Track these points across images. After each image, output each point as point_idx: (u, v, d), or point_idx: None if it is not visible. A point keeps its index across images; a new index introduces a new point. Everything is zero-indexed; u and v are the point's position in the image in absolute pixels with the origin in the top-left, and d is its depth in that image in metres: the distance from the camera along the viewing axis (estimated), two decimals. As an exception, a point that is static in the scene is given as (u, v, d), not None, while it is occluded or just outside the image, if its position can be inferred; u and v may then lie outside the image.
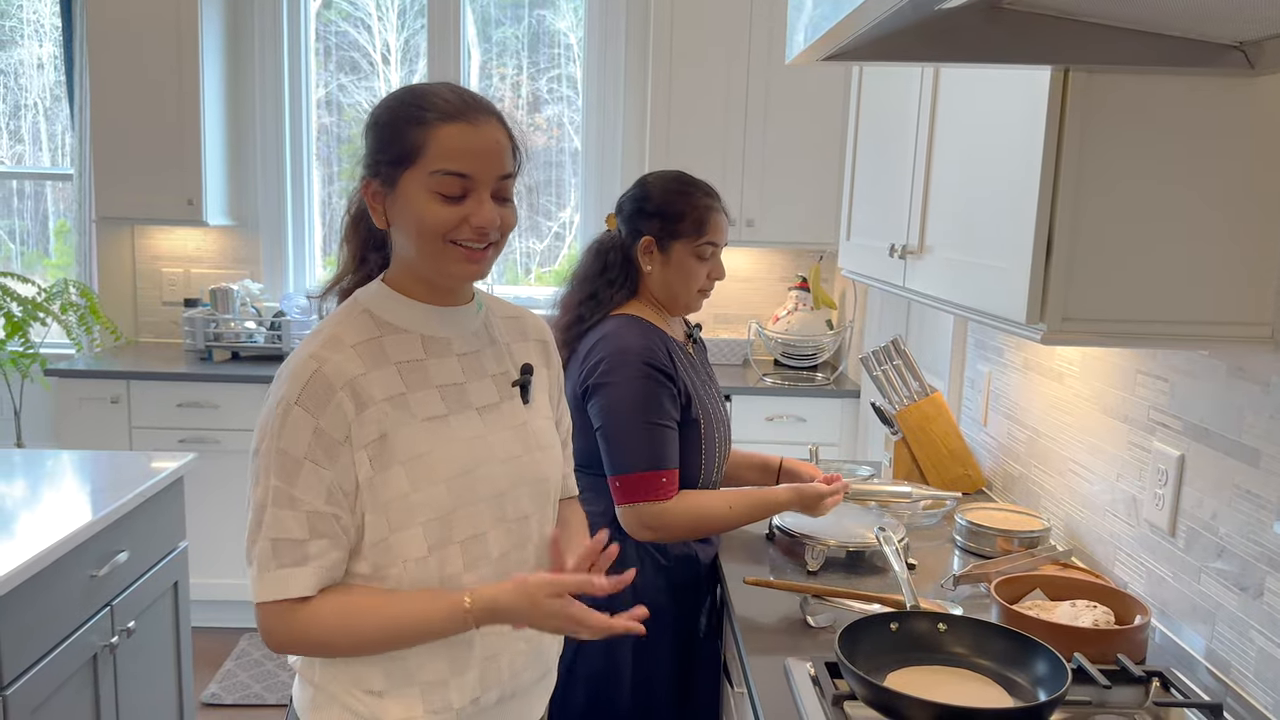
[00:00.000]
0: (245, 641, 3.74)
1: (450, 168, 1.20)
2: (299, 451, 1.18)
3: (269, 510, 1.19)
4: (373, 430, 1.21)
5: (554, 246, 4.48)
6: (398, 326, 1.28)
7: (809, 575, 1.86)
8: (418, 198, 1.21)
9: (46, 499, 2.17)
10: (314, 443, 1.18)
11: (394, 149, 1.22)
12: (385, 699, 1.26)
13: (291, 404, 1.18)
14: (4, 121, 4.37)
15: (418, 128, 1.21)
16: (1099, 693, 1.37)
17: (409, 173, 1.21)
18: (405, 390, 1.25)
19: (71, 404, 3.70)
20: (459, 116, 1.21)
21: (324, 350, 1.22)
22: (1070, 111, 1.30)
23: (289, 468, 1.18)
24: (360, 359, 1.23)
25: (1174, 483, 1.61)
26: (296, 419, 1.18)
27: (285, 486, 1.18)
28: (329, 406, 1.19)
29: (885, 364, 2.47)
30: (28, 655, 1.87)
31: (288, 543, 1.18)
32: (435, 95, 1.23)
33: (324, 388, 1.19)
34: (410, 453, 1.22)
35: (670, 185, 1.92)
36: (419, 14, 4.26)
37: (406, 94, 1.25)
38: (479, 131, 1.22)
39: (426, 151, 1.20)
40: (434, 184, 1.20)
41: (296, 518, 1.18)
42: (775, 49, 3.78)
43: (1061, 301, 1.34)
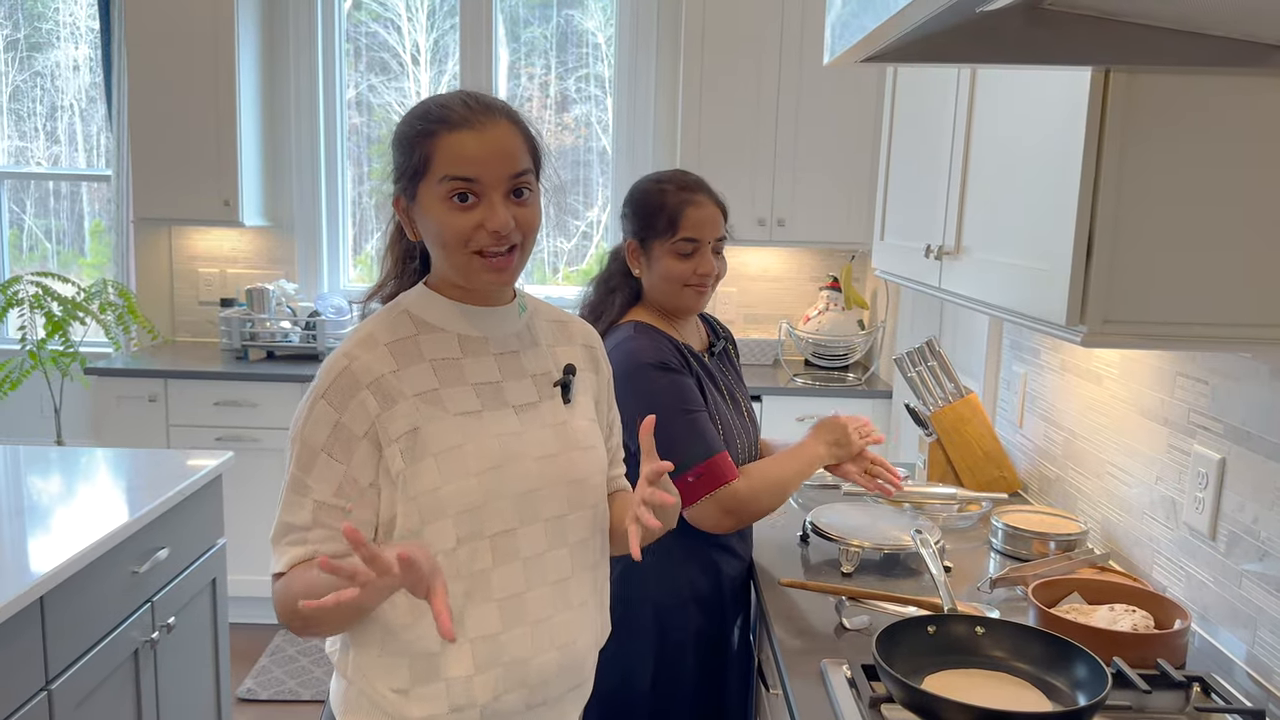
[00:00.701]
0: (280, 638, 3.78)
1: (455, 173, 1.23)
2: (317, 443, 1.24)
3: (286, 493, 1.26)
4: (404, 424, 1.24)
5: (581, 246, 4.49)
6: (435, 326, 1.32)
7: (844, 577, 1.86)
8: (434, 208, 1.25)
9: (88, 496, 2.20)
10: (333, 436, 1.24)
11: (409, 163, 1.27)
12: (410, 696, 1.27)
13: (318, 397, 1.25)
14: (41, 123, 4.44)
15: (426, 140, 1.25)
16: (1139, 697, 1.36)
17: (423, 184, 1.26)
18: (439, 386, 1.28)
19: (110, 402, 3.75)
20: (463, 124, 1.24)
21: (356, 348, 1.27)
22: (1111, 112, 1.29)
23: (306, 457, 1.25)
24: (392, 357, 1.27)
25: (1214, 486, 1.59)
26: (320, 412, 1.24)
27: (301, 475, 1.25)
28: (351, 403, 1.24)
29: (920, 365, 2.46)
30: (72, 650, 1.90)
31: (293, 526, 1.25)
32: (443, 107, 1.26)
33: (349, 384, 1.24)
34: (442, 445, 1.25)
35: (645, 185, 1.90)
36: (448, 14, 4.28)
37: (418, 108, 1.29)
38: (483, 135, 1.24)
39: (434, 161, 1.24)
40: (444, 191, 1.24)
41: (304, 504, 1.25)
42: (807, 48, 3.77)
43: (1102, 303, 1.33)
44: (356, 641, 1.31)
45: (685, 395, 1.77)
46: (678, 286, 1.85)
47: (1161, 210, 1.31)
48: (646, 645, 1.84)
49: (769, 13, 3.77)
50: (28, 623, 1.76)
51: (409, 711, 1.28)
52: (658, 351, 1.79)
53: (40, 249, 4.53)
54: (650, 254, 1.87)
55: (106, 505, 2.14)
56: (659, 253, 1.85)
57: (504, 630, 1.28)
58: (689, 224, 1.83)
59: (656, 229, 1.84)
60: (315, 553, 1.24)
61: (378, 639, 1.28)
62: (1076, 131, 1.32)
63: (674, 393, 1.77)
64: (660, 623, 1.84)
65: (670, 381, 1.77)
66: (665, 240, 1.84)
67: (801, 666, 1.51)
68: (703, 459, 1.74)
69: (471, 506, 1.25)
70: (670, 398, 1.76)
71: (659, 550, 1.80)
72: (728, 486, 1.74)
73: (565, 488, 1.34)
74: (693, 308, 1.89)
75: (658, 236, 1.85)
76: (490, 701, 1.29)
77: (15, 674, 1.73)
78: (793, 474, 1.83)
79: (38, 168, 4.46)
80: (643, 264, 1.88)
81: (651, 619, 1.84)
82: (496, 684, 1.28)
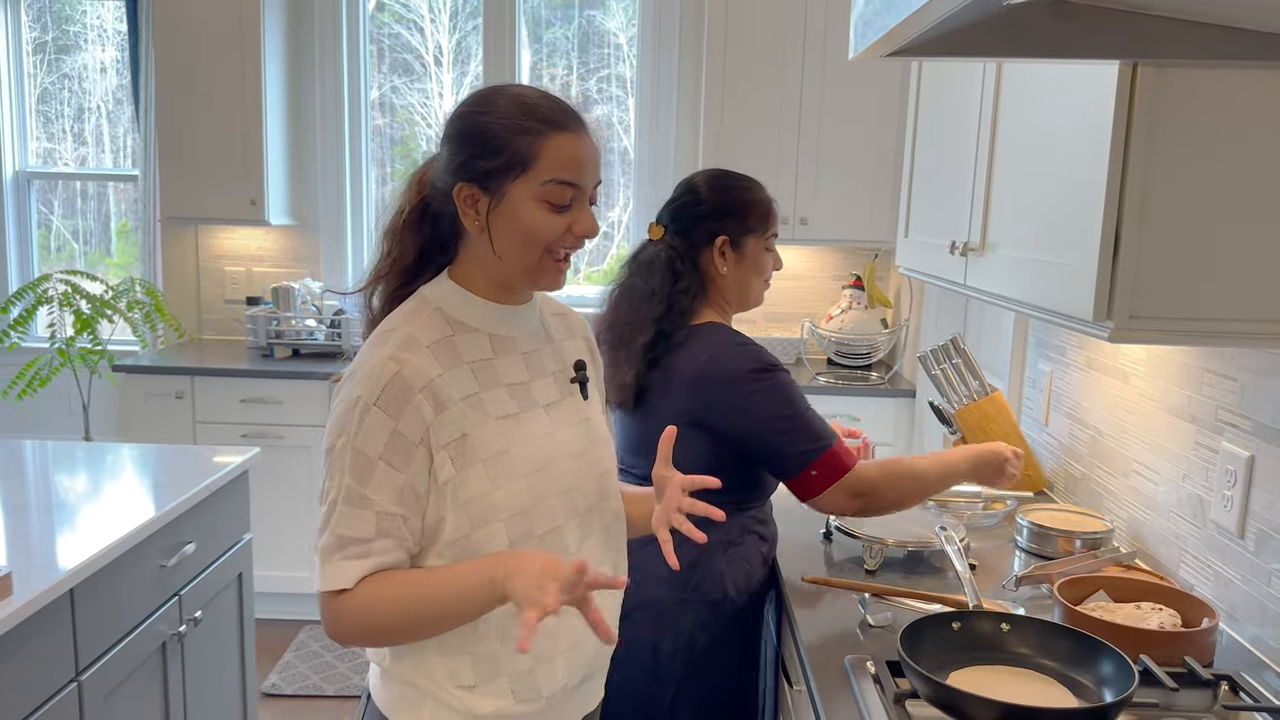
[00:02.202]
0: (305, 633, 3.81)
1: (564, 177, 1.22)
2: (374, 452, 1.19)
3: (339, 507, 1.20)
4: (453, 430, 1.22)
5: (602, 246, 4.50)
6: (468, 325, 1.29)
7: (867, 575, 1.85)
8: (526, 207, 1.22)
9: (116, 491, 2.23)
10: (390, 444, 1.19)
11: (501, 157, 1.22)
12: (476, 692, 1.27)
13: (370, 404, 1.19)
14: (69, 125, 4.49)
15: (528, 137, 1.22)
16: (1166, 695, 1.35)
17: (519, 181, 1.22)
18: (479, 389, 1.26)
19: (137, 399, 3.79)
20: (566, 125, 1.23)
21: (403, 351, 1.22)
22: (1138, 106, 1.28)
23: (363, 467, 1.19)
24: (436, 360, 1.23)
25: (1243, 484, 1.58)
26: (375, 420, 1.19)
27: (358, 486, 1.19)
28: (407, 409, 1.19)
29: (944, 363, 2.45)
30: (101, 643, 1.93)
31: (353, 540, 1.19)
32: (547, 108, 1.24)
33: (403, 390, 1.19)
34: (489, 451, 1.24)
35: (729, 182, 1.90)
36: (470, 15, 4.30)
37: (513, 102, 1.24)
38: (584, 140, 1.25)
39: (539, 161, 1.21)
40: (545, 193, 1.22)
41: (365, 517, 1.19)
42: (830, 45, 3.77)
43: (1129, 299, 1.32)
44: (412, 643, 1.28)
45: (796, 390, 1.79)
46: (761, 281, 1.91)
47: (1189, 205, 1.30)
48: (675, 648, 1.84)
49: (792, 11, 3.76)
50: (58, 615, 1.78)
51: (478, 706, 1.27)
52: (756, 347, 1.81)
53: (68, 249, 4.58)
54: (742, 249, 1.88)
55: (134, 500, 2.17)
56: (753, 248, 1.88)
57: (558, 622, 1.30)
58: (775, 219, 1.91)
59: (752, 225, 1.87)
60: (380, 565, 1.20)
61: (434, 640, 1.26)
62: (1104, 126, 1.32)
63: (787, 387, 1.78)
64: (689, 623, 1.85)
65: (780, 378, 1.78)
66: (760, 236, 1.89)
67: (825, 663, 1.51)
68: (828, 445, 1.74)
69: (522, 509, 1.25)
70: (787, 392, 1.77)
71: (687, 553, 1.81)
72: (854, 470, 1.75)
73: (595, 482, 1.36)
74: (761, 302, 1.95)
75: (753, 232, 1.87)
76: (555, 691, 1.31)
77: (46, 665, 1.76)
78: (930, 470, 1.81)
79: (65, 168, 4.51)
80: (730, 260, 1.88)
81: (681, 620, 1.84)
82: (556, 673, 1.30)
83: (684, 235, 1.88)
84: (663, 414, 1.79)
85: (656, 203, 4.27)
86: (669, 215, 1.92)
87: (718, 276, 1.88)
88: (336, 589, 1.20)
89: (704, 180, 1.92)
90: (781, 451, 1.74)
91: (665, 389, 1.81)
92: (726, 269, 1.87)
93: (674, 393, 1.80)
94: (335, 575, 1.20)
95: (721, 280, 1.88)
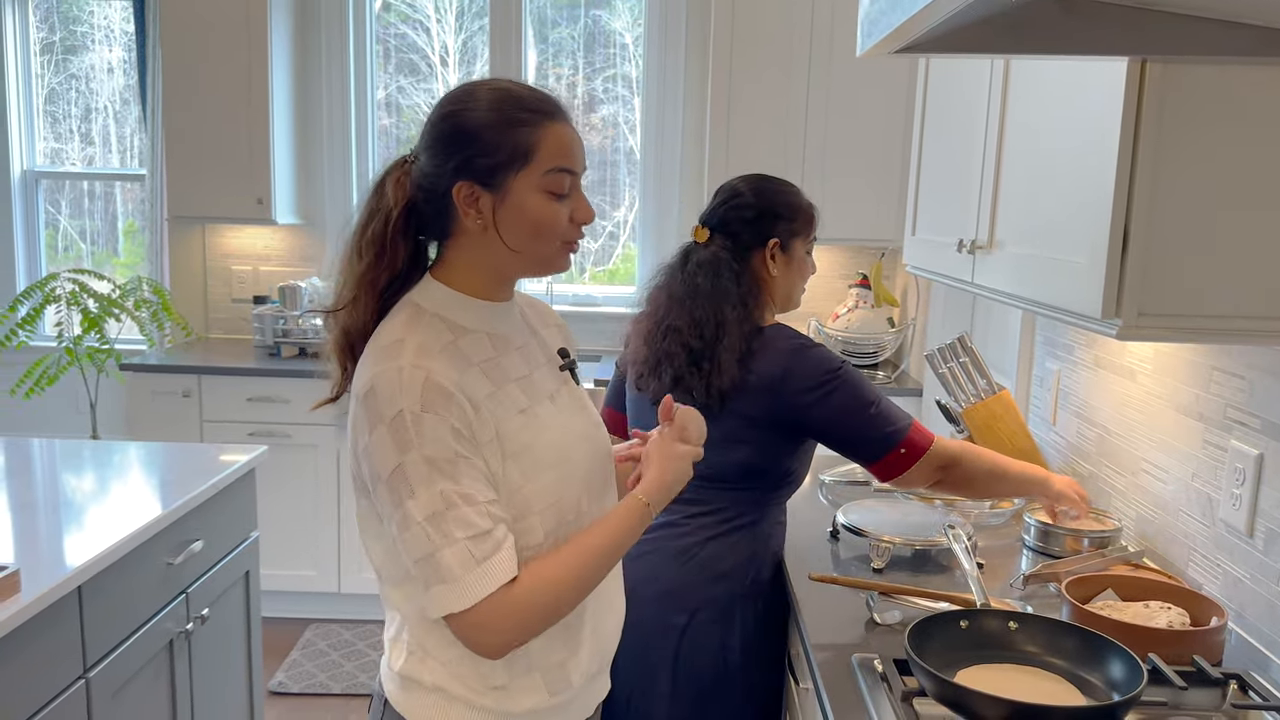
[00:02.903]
0: (311, 632, 3.81)
1: (564, 164, 1.23)
2: (449, 452, 1.16)
3: (449, 515, 1.15)
4: (489, 429, 1.21)
5: (608, 246, 4.50)
6: (467, 328, 1.28)
7: (874, 573, 1.85)
8: (531, 198, 1.23)
9: (123, 489, 2.24)
10: (456, 439, 1.17)
11: (501, 152, 1.21)
12: (510, 690, 1.27)
13: (419, 413, 1.16)
14: (75, 125, 4.50)
15: (525, 129, 1.21)
16: (1175, 694, 1.35)
17: (521, 174, 1.22)
18: (494, 389, 1.25)
19: (144, 398, 3.80)
20: (559, 116, 1.25)
21: (421, 359, 1.19)
22: (1147, 102, 1.28)
23: (448, 470, 1.16)
24: (452, 364, 1.22)
25: (1252, 482, 1.57)
26: (431, 424, 1.16)
27: (454, 487, 1.16)
28: (453, 406, 1.17)
29: (951, 361, 2.44)
30: (109, 640, 1.93)
31: (481, 536, 1.16)
32: (535, 100, 1.24)
33: (441, 392, 1.17)
34: (516, 446, 1.24)
35: (775, 186, 1.93)
36: (477, 15, 4.30)
37: (502, 97, 1.23)
38: (571, 128, 1.27)
39: (539, 151, 1.22)
40: (547, 183, 1.23)
41: (478, 511, 1.16)
42: (836, 45, 3.76)
43: (1137, 296, 1.32)
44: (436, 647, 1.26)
45: (868, 381, 1.83)
46: (803, 283, 1.95)
47: (1198, 202, 1.30)
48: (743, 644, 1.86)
49: (798, 9, 3.76)
50: (66, 612, 1.79)
51: (513, 706, 1.27)
52: (832, 351, 1.85)
53: (75, 249, 4.59)
54: (791, 252, 1.91)
55: (141, 498, 2.17)
56: (799, 251, 1.92)
57: (584, 609, 1.32)
58: (817, 223, 1.96)
59: (798, 228, 1.91)
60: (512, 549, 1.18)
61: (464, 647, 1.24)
62: (1112, 123, 1.31)
63: (860, 379, 1.81)
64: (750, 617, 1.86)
65: (852, 373, 1.81)
66: (805, 239, 1.93)
67: (833, 661, 1.51)
68: (908, 424, 1.79)
69: (554, 501, 1.27)
70: (861, 384, 1.81)
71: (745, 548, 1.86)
72: (934, 445, 1.79)
73: (602, 463, 1.38)
74: (799, 305, 1.99)
75: (799, 235, 1.92)
76: (584, 681, 1.33)
77: (54, 662, 1.76)
78: (1014, 467, 1.88)
79: (73, 168, 4.52)
80: (780, 263, 1.90)
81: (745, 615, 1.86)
82: (586, 664, 1.32)
83: (735, 238, 1.89)
84: (743, 415, 1.81)
85: (662, 202, 4.29)
86: (717, 219, 1.91)
87: (768, 279, 1.90)
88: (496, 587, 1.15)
89: (748, 185, 1.92)
90: (870, 438, 1.78)
91: (743, 390, 1.80)
92: (777, 271, 1.90)
93: (754, 393, 1.80)
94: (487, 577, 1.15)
95: (771, 283, 1.90)
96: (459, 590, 1.15)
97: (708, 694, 1.84)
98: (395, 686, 1.30)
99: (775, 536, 1.93)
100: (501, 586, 1.16)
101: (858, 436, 1.79)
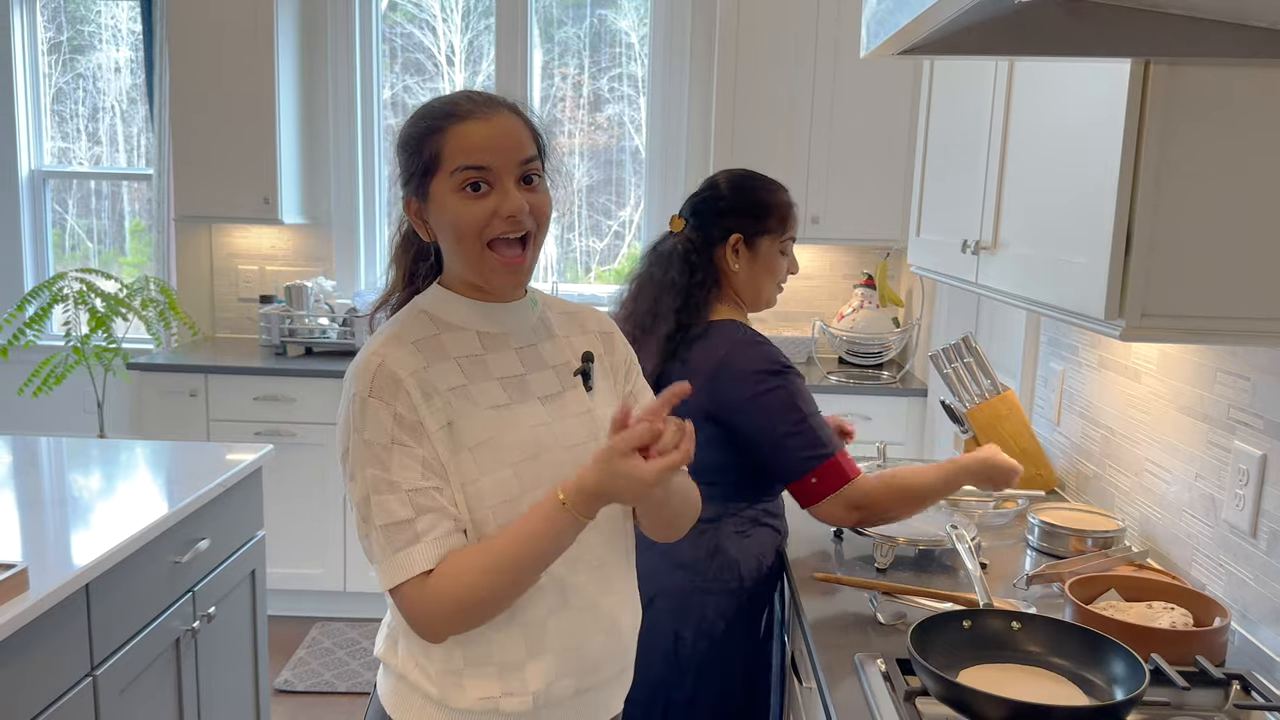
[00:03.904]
0: (317, 630, 3.82)
1: (467, 162, 1.25)
2: (385, 438, 1.22)
3: (373, 500, 1.22)
4: (440, 418, 1.25)
5: (614, 245, 4.50)
6: (454, 324, 1.33)
7: (878, 573, 1.85)
8: (447, 200, 1.27)
9: (130, 488, 2.25)
10: (396, 426, 1.23)
11: (419, 161, 1.28)
12: (463, 677, 1.28)
13: (366, 397, 1.24)
14: (83, 124, 4.52)
15: (434, 135, 1.27)
16: (1177, 694, 1.35)
17: (436, 180, 1.27)
18: (467, 382, 1.29)
19: (151, 397, 3.82)
20: (469, 115, 1.27)
21: (384, 347, 1.27)
22: (1151, 104, 1.28)
23: (380, 455, 1.22)
24: (420, 354, 1.28)
25: (1255, 483, 1.57)
26: (374, 409, 1.23)
27: (381, 473, 1.22)
28: (400, 393, 1.24)
29: (955, 361, 2.45)
30: (116, 638, 1.94)
31: (397, 525, 1.21)
32: (448, 104, 1.29)
33: (390, 379, 1.24)
34: (476, 439, 1.26)
35: (750, 183, 1.93)
36: (483, 15, 4.31)
37: (421, 109, 1.31)
38: (490, 124, 1.27)
39: (445, 154, 1.26)
40: (457, 182, 1.26)
41: (399, 499, 1.21)
42: (842, 45, 3.76)
43: (1141, 297, 1.32)
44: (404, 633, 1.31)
45: (806, 395, 1.80)
46: (774, 283, 1.93)
47: (1201, 203, 1.30)
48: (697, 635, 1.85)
49: (803, 10, 3.76)
50: (74, 610, 1.80)
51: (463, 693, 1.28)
52: (771, 347, 1.83)
53: (82, 248, 4.61)
54: (756, 249, 1.90)
55: (148, 497, 2.18)
56: (768, 250, 1.91)
57: (550, 615, 1.30)
58: (794, 223, 1.94)
59: (768, 226, 1.90)
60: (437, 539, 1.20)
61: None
62: (1116, 124, 1.32)
63: (796, 391, 1.79)
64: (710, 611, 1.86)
65: (791, 381, 1.79)
66: (776, 238, 1.91)
67: (835, 660, 1.51)
68: (829, 454, 1.76)
69: (510, 498, 1.27)
70: (794, 395, 1.78)
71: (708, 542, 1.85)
72: (854, 481, 1.75)
73: None
74: (773, 304, 1.97)
75: (769, 233, 1.90)
76: (543, 689, 1.30)
77: (62, 660, 1.77)
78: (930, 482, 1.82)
79: (80, 168, 4.54)
80: (743, 259, 1.90)
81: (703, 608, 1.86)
82: (548, 670, 1.30)
83: (702, 230, 1.91)
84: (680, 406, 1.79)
85: (668, 201, 4.30)
86: (690, 209, 1.95)
87: (730, 273, 1.90)
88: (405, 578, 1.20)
89: (727, 178, 1.94)
90: (784, 455, 1.76)
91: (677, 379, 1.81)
92: (739, 267, 1.90)
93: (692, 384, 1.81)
94: (400, 567, 1.20)
95: (734, 277, 1.91)
96: (382, 573, 1.23)
97: (656, 682, 1.85)
98: (380, 672, 1.39)
99: (753, 539, 1.89)
100: (418, 575, 1.20)
101: (780, 448, 1.76)
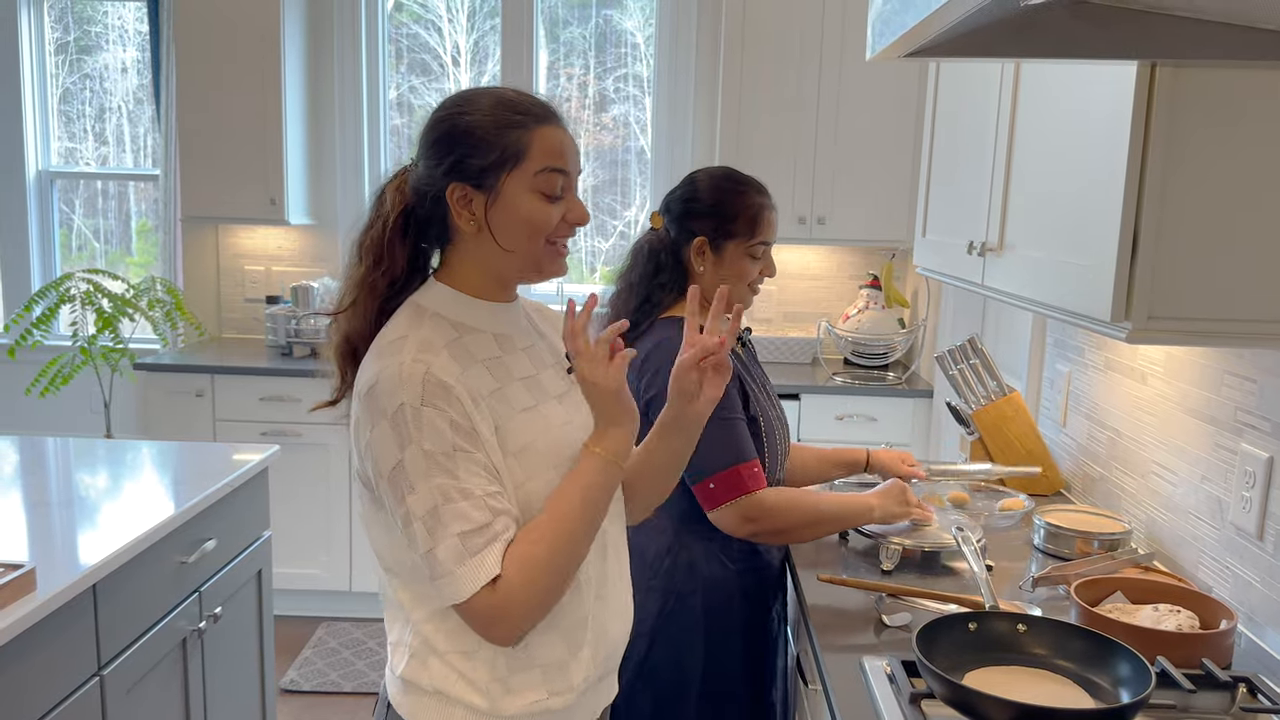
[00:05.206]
0: (323, 630, 3.83)
1: (556, 165, 1.25)
2: (446, 445, 1.18)
3: (444, 510, 1.17)
4: (489, 423, 1.23)
5: (619, 245, 4.50)
6: (471, 326, 1.30)
7: (883, 575, 1.85)
8: (523, 198, 1.25)
9: (137, 488, 2.25)
10: (455, 432, 1.18)
11: (493, 153, 1.24)
12: (509, 685, 1.27)
13: (419, 407, 1.18)
14: (90, 125, 4.53)
15: (517, 131, 1.24)
16: (1183, 697, 1.34)
17: (512, 175, 1.24)
18: (499, 386, 1.27)
19: (158, 397, 3.83)
20: (549, 118, 1.27)
21: (423, 354, 1.21)
22: (1157, 106, 1.28)
23: (444, 464, 1.17)
24: (455, 360, 1.23)
25: (1262, 485, 1.57)
26: (430, 418, 1.18)
27: (451, 482, 1.17)
28: (452, 400, 1.19)
29: (962, 363, 2.44)
30: (123, 638, 1.95)
31: (477, 530, 1.18)
32: (516, 99, 1.27)
33: (440, 386, 1.19)
34: (518, 444, 1.25)
35: (722, 184, 1.89)
36: (488, 15, 4.32)
37: (488, 100, 1.27)
38: (565, 132, 1.29)
39: (530, 152, 1.24)
40: (538, 183, 1.25)
41: (474, 504, 1.18)
42: (848, 46, 3.76)
43: (1147, 299, 1.32)
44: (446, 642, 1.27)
45: (726, 400, 1.77)
46: (743, 286, 1.88)
47: (1207, 205, 1.30)
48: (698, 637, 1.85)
49: (809, 11, 3.76)
50: (81, 610, 1.80)
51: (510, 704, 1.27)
52: None
53: (89, 248, 4.62)
54: (722, 253, 1.87)
55: (155, 497, 2.19)
56: (734, 253, 1.87)
57: (588, 609, 1.31)
58: (766, 228, 1.88)
59: (735, 230, 1.86)
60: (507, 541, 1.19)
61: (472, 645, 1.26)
62: (1122, 126, 1.31)
63: (732, 402, 1.78)
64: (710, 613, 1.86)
65: (730, 390, 1.77)
66: (743, 242, 1.86)
67: (840, 662, 1.51)
68: (732, 463, 1.75)
69: None
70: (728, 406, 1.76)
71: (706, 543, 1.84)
72: (753, 495, 1.75)
73: None
74: (747, 305, 1.93)
75: (735, 237, 1.86)
76: (581, 682, 1.31)
77: (69, 660, 1.78)
78: (833, 509, 1.83)
79: (87, 168, 4.55)
80: (709, 261, 1.87)
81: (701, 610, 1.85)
82: (588, 664, 1.31)
83: (677, 227, 1.90)
84: None
85: (673, 202, 4.28)
86: (664, 205, 1.94)
87: (695, 274, 1.88)
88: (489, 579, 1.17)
89: (705, 177, 1.92)
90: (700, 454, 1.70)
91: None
92: (704, 269, 1.88)
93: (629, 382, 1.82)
94: (477, 572, 1.17)
95: (699, 278, 1.87)
96: (454, 584, 1.17)
97: None
98: (397, 690, 1.31)
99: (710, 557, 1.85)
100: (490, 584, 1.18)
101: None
